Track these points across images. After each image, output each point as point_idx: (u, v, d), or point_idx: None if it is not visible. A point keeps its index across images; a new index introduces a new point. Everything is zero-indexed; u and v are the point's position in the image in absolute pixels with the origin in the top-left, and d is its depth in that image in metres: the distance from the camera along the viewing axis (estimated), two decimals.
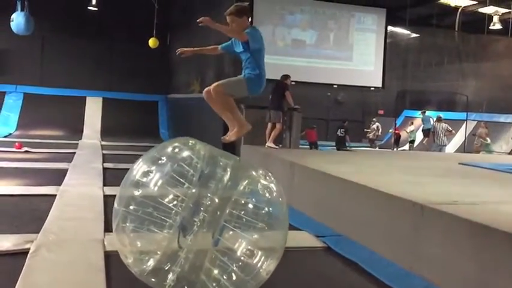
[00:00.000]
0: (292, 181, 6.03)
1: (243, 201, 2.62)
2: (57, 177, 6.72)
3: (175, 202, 2.53)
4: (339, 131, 12.78)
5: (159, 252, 2.51)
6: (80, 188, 5.90)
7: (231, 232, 2.54)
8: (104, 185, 6.34)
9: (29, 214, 4.73)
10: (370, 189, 4.19)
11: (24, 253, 3.41)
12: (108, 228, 4.10)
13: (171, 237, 2.50)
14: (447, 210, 3.27)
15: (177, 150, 2.78)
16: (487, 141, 14.41)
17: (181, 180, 2.57)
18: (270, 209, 2.70)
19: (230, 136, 3.93)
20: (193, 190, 2.57)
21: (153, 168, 2.67)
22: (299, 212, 5.40)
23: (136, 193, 2.60)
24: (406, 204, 3.65)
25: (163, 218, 2.50)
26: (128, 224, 2.59)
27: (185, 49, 3.88)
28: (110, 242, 3.57)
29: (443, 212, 3.26)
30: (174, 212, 2.51)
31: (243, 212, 2.57)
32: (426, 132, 15.35)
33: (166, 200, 2.54)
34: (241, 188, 2.66)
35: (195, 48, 3.98)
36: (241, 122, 3.28)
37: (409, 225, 3.60)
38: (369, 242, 4.04)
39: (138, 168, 2.71)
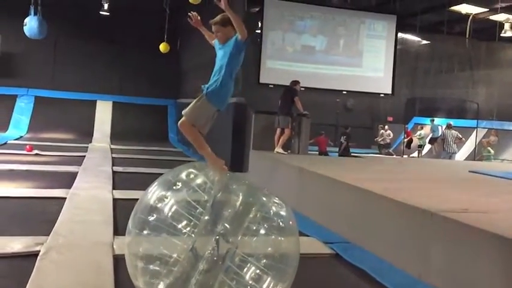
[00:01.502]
0: (301, 187, 6.03)
1: (254, 228, 2.62)
2: (67, 180, 6.78)
3: (188, 228, 2.55)
4: (342, 137, 12.74)
5: (170, 278, 2.51)
6: (90, 191, 5.93)
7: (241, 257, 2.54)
8: (114, 188, 6.37)
9: (39, 216, 4.77)
10: (379, 196, 4.18)
11: (34, 255, 3.44)
12: (117, 231, 4.13)
13: (182, 261, 2.50)
14: (457, 218, 3.24)
15: (192, 176, 2.82)
16: (488, 151, 14.29)
17: (195, 205, 2.59)
18: (281, 237, 2.70)
19: None
20: (207, 217, 2.58)
21: (169, 193, 2.69)
22: (307, 217, 5.39)
23: (151, 218, 2.61)
24: (415, 212, 3.63)
25: (176, 242, 2.53)
26: (141, 249, 2.62)
27: (198, 19, 3.70)
28: (119, 246, 3.59)
29: (453, 220, 3.24)
30: (187, 235, 2.53)
31: (254, 239, 2.59)
32: (433, 140, 15.24)
33: (180, 225, 2.55)
34: (252, 214, 2.66)
35: (203, 28, 3.79)
36: (212, 159, 3.02)
37: (419, 232, 3.58)
38: (377, 249, 4.02)
39: (153, 191, 2.73)
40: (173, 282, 2.48)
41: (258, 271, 2.53)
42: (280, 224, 2.73)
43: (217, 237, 2.55)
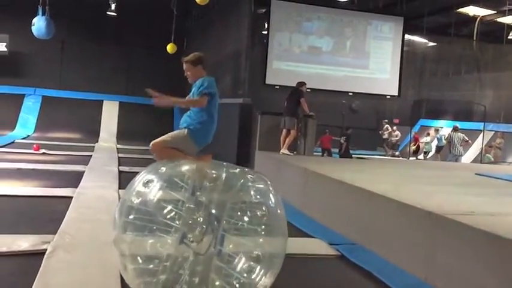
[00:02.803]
0: (306, 188, 6.03)
1: (238, 207, 2.66)
2: (73, 179, 6.81)
3: (173, 213, 2.59)
4: (341, 138, 12.71)
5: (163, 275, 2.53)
6: (96, 191, 5.96)
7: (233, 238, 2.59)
8: (120, 188, 6.39)
9: (46, 215, 4.80)
10: (386, 198, 4.17)
11: (41, 253, 3.46)
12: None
13: (171, 248, 2.53)
14: (464, 220, 3.23)
15: (166, 169, 2.88)
16: (488, 158, 14.22)
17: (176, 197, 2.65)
18: (266, 210, 2.74)
19: None
20: (191, 205, 2.62)
21: (154, 177, 2.76)
22: (312, 219, 5.39)
23: (136, 201, 2.67)
24: (421, 214, 3.62)
25: (163, 228, 2.57)
26: (127, 233, 2.65)
27: (156, 94, 3.61)
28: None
29: (459, 223, 3.23)
30: (174, 229, 2.57)
31: (241, 216, 2.63)
32: (439, 149, 15.17)
33: (165, 211, 2.59)
34: (236, 191, 2.70)
35: (172, 99, 3.67)
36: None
37: (424, 235, 3.57)
38: (383, 251, 4.01)
39: (139, 180, 2.79)
40: (166, 278, 2.50)
41: (248, 262, 2.57)
42: (261, 198, 2.78)
43: (204, 226, 2.57)
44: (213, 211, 2.62)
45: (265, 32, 15.45)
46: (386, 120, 17.07)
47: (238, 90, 10.54)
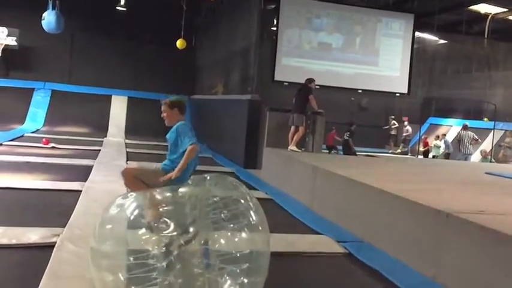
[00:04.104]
0: (314, 185, 6.01)
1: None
2: (82, 173, 6.85)
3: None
4: (345, 134, 12.60)
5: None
6: (105, 185, 5.99)
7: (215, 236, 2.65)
8: None
9: (55, 208, 4.83)
10: (394, 196, 4.15)
11: (50, 246, 3.49)
12: (130, 225, 4.16)
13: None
14: (473, 219, 3.21)
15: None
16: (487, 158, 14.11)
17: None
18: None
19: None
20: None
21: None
22: (320, 216, 5.38)
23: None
24: (431, 212, 3.60)
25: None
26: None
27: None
28: (132, 238, 3.61)
29: (469, 221, 3.21)
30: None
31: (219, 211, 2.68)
32: (446, 156, 15.04)
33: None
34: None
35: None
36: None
37: (433, 233, 3.55)
38: (391, 249, 4.00)
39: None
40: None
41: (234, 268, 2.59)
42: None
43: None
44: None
45: (275, 28, 15.40)
46: (393, 117, 16.99)
47: (247, 86, 10.53)
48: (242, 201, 2.80)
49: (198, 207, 2.75)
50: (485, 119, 16.96)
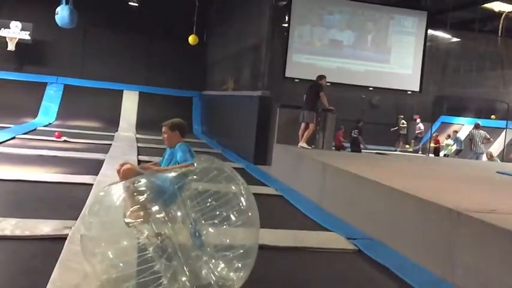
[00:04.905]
0: (324, 182, 6.01)
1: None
2: (94, 167, 6.91)
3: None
4: (353, 131, 12.51)
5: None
6: (116, 179, 6.01)
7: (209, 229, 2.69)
8: None
9: (67, 201, 4.89)
10: (405, 194, 4.14)
11: (62, 238, 3.53)
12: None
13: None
14: (485, 218, 3.19)
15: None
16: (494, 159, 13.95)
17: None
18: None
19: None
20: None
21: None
22: (330, 213, 5.38)
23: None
24: (441, 211, 3.58)
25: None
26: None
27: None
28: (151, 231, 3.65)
29: (480, 220, 3.19)
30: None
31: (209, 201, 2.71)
32: (457, 152, 14.92)
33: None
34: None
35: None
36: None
37: (444, 232, 3.54)
38: (401, 247, 3.99)
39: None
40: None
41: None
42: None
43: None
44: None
45: (286, 25, 15.37)
46: (402, 116, 16.88)
47: (258, 82, 10.53)
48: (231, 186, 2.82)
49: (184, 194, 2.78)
50: (493, 116, 16.78)
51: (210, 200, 2.72)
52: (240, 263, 2.67)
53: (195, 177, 2.89)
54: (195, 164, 3.12)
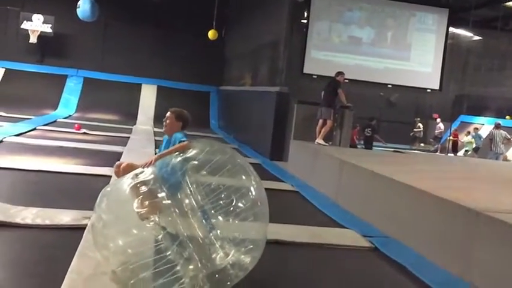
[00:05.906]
0: (341, 179, 5.99)
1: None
2: (112, 159, 6.95)
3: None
4: (366, 130, 12.36)
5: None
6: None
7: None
8: None
9: (86, 192, 4.94)
10: (423, 193, 4.10)
11: (81, 228, 3.59)
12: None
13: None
14: (505, 219, 3.15)
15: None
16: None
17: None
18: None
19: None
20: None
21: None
22: (346, 210, 5.36)
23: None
24: (460, 210, 3.55)
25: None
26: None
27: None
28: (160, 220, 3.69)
29: (500, 221, 3.15)
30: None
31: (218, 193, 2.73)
32: (476, 149, 14.70)
33: None
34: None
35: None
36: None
37: (462, 231, 3.50)
38: (418, 245, 3.96)
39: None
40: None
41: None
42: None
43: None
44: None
45: (305, 21, 15.30)
46: (418, 119, 16.65)
47: (276, 78, 10.52)
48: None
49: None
50: (508, 117, 16.48)
51: (213, 184, 2.76)
52: (250, 245, 2.69)
53: (195, 162, 2.92)
54: (189, 144, 3.15)
